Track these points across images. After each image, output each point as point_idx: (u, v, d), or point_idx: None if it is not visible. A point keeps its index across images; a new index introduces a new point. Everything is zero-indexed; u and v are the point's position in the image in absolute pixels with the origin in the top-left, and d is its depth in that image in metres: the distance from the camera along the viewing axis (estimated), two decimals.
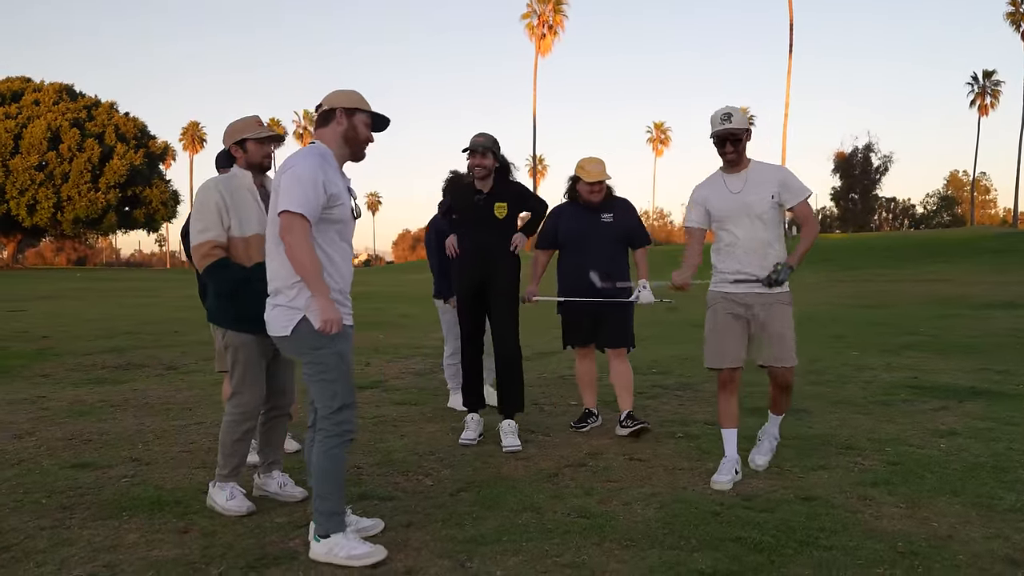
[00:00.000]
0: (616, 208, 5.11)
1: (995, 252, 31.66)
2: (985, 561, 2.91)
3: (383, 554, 2.96)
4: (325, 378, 3.00)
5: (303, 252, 2.86)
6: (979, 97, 65.51)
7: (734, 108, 3.91)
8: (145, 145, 52.24)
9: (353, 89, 3.20)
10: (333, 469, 3.02)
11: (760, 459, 4.14)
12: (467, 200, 4.81)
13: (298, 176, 2.91)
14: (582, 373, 5.26)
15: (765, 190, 3.92)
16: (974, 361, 7.75)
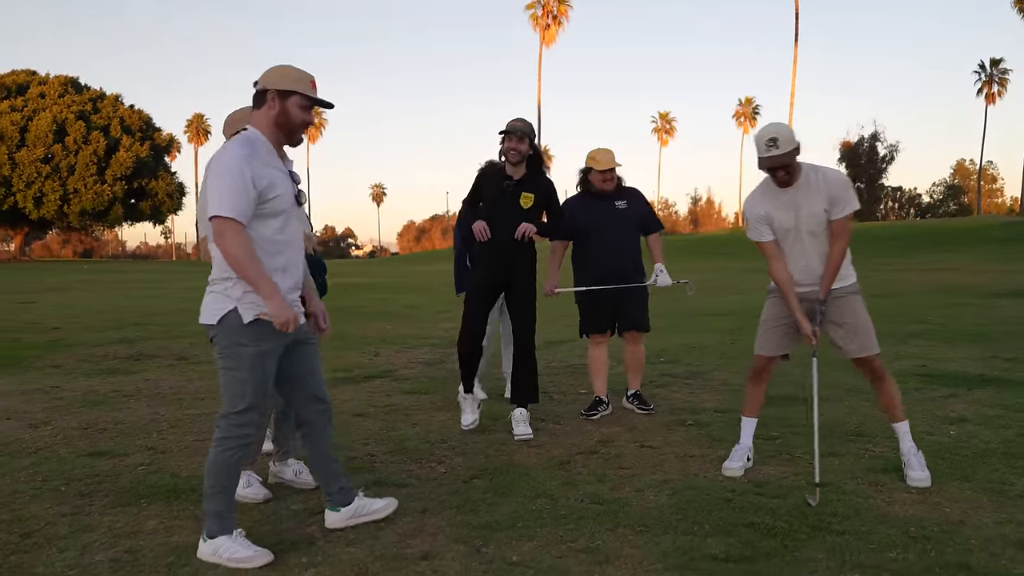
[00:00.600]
0: (629, 196, 5.22)
1: (1002, 241, 31.55)
2: (997, 546, 2.93)
3: (268, 558, 2.87)
4: (237, 376, 2.88)
5: (240, 255, 2.75)
6: (986, 86, 65.12)
7: (779, 127, 3.62)
8: (150, 137, 52.23)
9: (292, 66, 2.97)
10: (227, 471, 2.93)
11: (916, 474, 3.70)
12: (496, 186, 4.71)
13: (223, 175, 2.78)
14: (595, 360, 5.30)
15: (816, 204, 3.70)
16: (982, 349, 7.75)
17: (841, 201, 3.68)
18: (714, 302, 13.94)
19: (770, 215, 3.78)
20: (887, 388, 3.83)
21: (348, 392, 6.16)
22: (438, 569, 2.80)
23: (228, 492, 2.95)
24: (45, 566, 2.85)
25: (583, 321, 5.29)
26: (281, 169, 2.94)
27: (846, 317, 3.80)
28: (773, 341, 3.96)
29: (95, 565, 2.85)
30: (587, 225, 5.13)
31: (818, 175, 3.71)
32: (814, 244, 3.75)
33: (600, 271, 5.09)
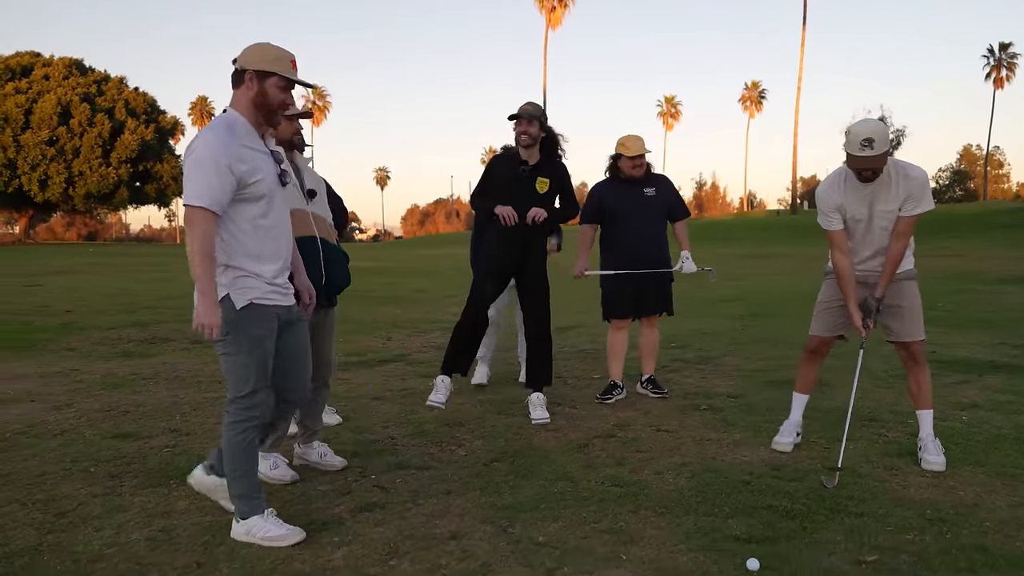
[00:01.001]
0: (657, 182, 5.28)
1: (1007, 227, 31.51)
2: (1011, 528, 3.00)
3: (300, 536, 2.92)
4: (238, 361, 2.89)
5: (197, 246, 2.73)
6: (995, 70, 64.78)
7: (875, 127, 3.55)
8: (155, 120, 52.21)
9: (272, 45, 2.92)
10: (243, 453, 2.95)
11: (932, 458, 3.75)
12: (511, 170, 4.71)
13: (198, 162, 2.74)
14: (615, 344, 5.36)
15: (893, 200, 3.72)
16: (991, 335, 7.80)
17: (914, 200, 3.69)
18: (724, 288, 13.96)
19: (844, 206, 3.79)
20: (922, 375, 3.92)
21: (363, 376, 6.23)
22: (467, 548, 2.87)
23: (250, 474, 3.00)
24: (83, 544, 2.92)
25: (606, 306, 5.35)
26: (262, 150, 2.92)
27: (899, 300, 3.87)
28: (828, 322, 4.04)
29: (132, 544, 2.93)
30: (615, 210, 5.19)
31: (898, 172, 3.70)
32: (884, 237, 3.79)
33: (626, 256, 5.16)
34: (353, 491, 3.51)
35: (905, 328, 3.88)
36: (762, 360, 6.69)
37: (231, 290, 2.85)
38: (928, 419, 3.89)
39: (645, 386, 5.44)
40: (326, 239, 3.61)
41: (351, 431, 4.54)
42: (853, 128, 3.60)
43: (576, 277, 5.29)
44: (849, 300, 3.84)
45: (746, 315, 10.00)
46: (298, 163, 3.66)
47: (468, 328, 4.71)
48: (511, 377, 6.15)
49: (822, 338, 4.08)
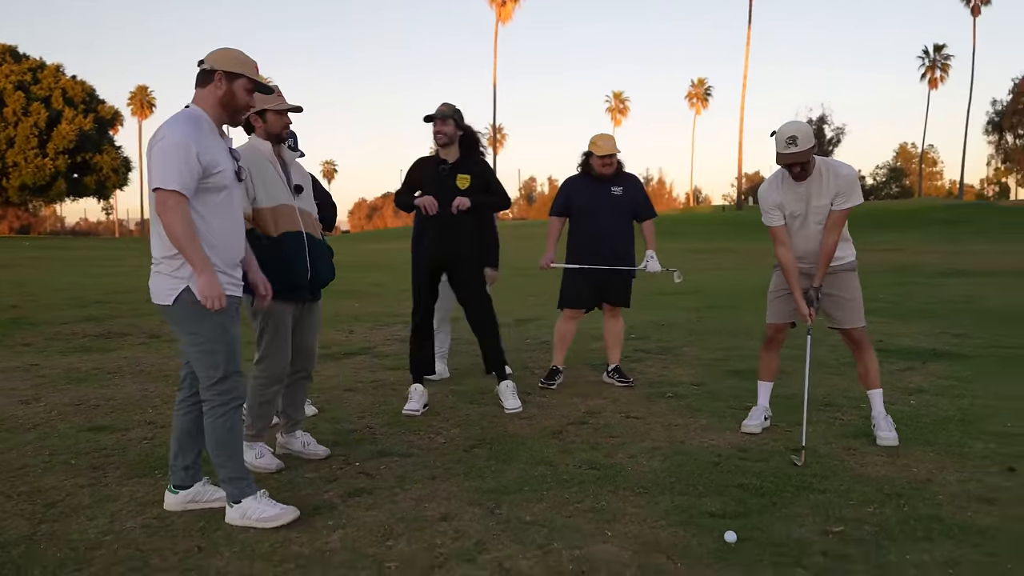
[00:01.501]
0: (625, 182, 5.46)
1: (945, 223, 32.78)
2: (962, 500, 3.24)
3: (295, 514, 3.00)
4: (206, 349, 2.96)
5: (179, 228, 2.80)
6: (929, 71, 67.07)
7: (799, 126, 3.86)
8: (94, 110, 50.78)
9: (239, 50, 3.07)
10: (227, 436, 3.02)
11: (885, 434, 4.02)
12: (431, 170, 4.77)
13: (168, 148, 2.82)
14: (564, 332, 5.56)
15: (825, 196, 3.98)
16: (932, 325, 8.20)
17: (844, 195, 3.96)
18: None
19: (783, 204, 4.06)
20: (868, 358, 4.19)
21: (332, 368, 6.28)
22: (459, 529, 2.99)
23: (237, 456, 3.07)
24: (79, 533, 2.95)
25: (564, 295, 5.52)
26: (223, 147, 3.02)
27: (839, 290, 4.14)
28: (779, 309, 4.29)
29: (128, 531, 2.97)
30: (582, 206, 5.38)
31: (829, 170, 3.98)
32: (819, 232, 4.04)
33: (590, 252, 5.34)
34: (340, 478, 3.60)
35: (846, 316, 4.16)
36: (721, 350, 6.94)
37: (191, 282, 2.91)
38: (878, 397, 4.16)
39: (611, 375, 5.62)
40: (312, 234, 3.67)
41: (328, 421, 4.61)
42: (779, 128, 3.91)
43: (542, 268, 5.46)
44: (795, 290, 4.10)
45: (701, 307, 10.29)
46: (285, 158, 3.71)
47: (419, 339, 4.87)
48: (479, 367, 6.26)
49: (776, 325, 4.33)
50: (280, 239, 3.57)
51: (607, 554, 2.75)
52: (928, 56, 66.99)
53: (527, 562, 2.69)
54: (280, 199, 3.59)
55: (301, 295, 3.67)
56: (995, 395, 5.05)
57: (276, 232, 3.58)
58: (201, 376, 3.01)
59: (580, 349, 7.09)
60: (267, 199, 3.57)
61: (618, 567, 2.65)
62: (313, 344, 3.86)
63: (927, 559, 2.69)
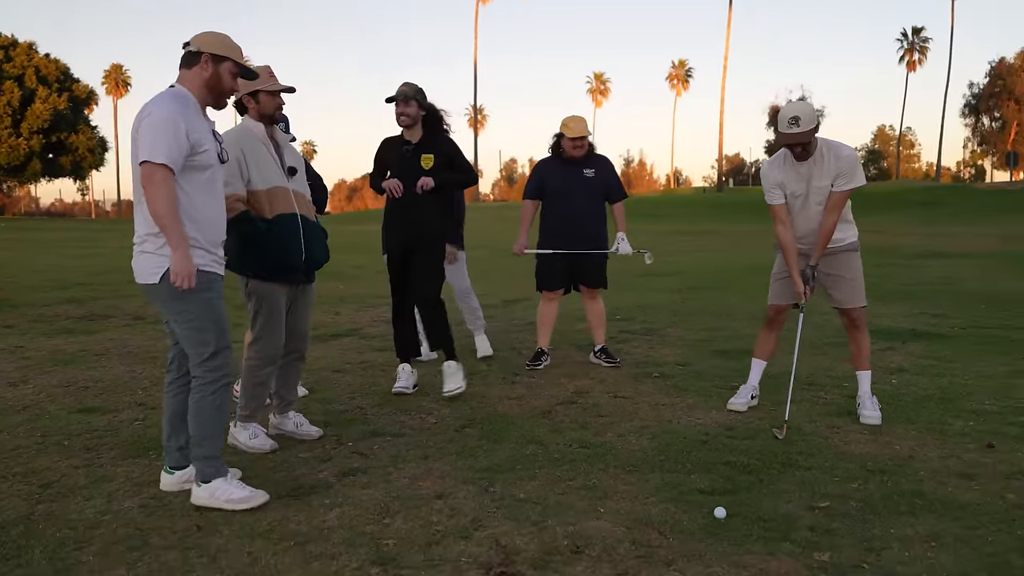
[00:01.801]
0: (597, 164, 5.48)
1: (922, 205, 33.16)
2: (943, 476, 3.33)
3: (264, 498, 3.00)
4: (195, 326, 2.96)
5: (163, 203, 2.79)
6: (908, 53, 67.39)
7: (802, 107, 3.93)
8: (69, 89, 49.87)
9: (225, 34, 3.09)
10: (214, 415, 3.02)
11: (869, 412, 4.12)
12: (396, 151, 4.75)
13: (156, 124, 2.82)
14: (545, 315, 5.62)
15: (826, 177, 4.03)
16: (912, 306, 8.34)
17: (845, 176, 4.01)
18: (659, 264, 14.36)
19: (784, 183, 4.13)
20: (862, 339, 4.28)
21: (320, 350, 6.30)
22: (454, 506, 3.04)
23: (218, 436, 3.08)
24: (77, 513, 2.97)
25: (540, 278, 5.59)
26: (208, 128, 3.03)
27: (840, 271, 4.21)
28: (781, 291, 4.36)
29: (126, 511, 2.99)
30: (555, 189, 5.41)
31: (830, 151, 4.03)
32: (819, 212, 4.10)
33: (563, 234, 5.42)
34: (334, 457, 3.63)
35: (846, 296, 4.22)
36: (705, 331, 7.02)
37: None
38: (866, 379, 4.25)
39: (599, 356, 5.69)
40: (306, 216, 3.68)
41: (319, 402, 4.64)
42: (783, 109, 4.00)
43: (516, 254, 5.49)
44: (792, 269, 4.18)
45: (684, 289, 10.38)
46: (279, 140, 3.72)
47: (400, 319, 4.85)
48: (466, 348, 6.31)
49: (777, 306, 4.39)
50: (274, 221, 3.57)
51: (600, 530, 2.82)
52: (906, 39, 67.33)
53: (522, 538, 2.75)
54: (274, 181, 3.60)
55: (296, 277, 3.68)
56: (974, 374, 5.17)
57: (271, 214, 3.59)
58: (191, 353, 3.01)
59: (566, 330, 7.15)
60: (261, 181, 3.57)
61: (612, 542, 2.72)
62: (306, 326, 3.89)
63: (910, 533, 2.78)
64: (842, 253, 4.21)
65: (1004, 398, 4.55)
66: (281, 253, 3.55)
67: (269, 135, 3.70)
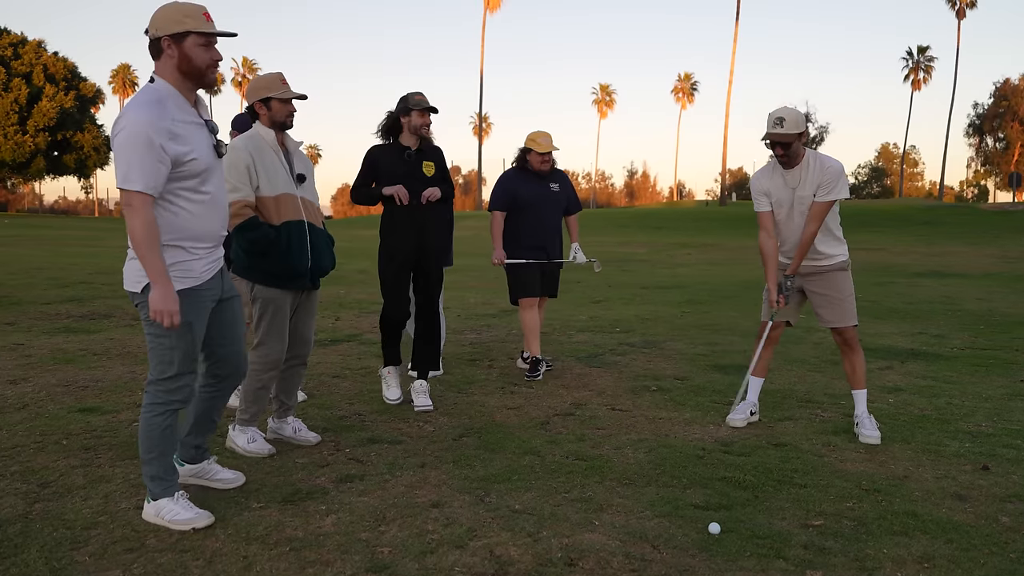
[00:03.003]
0: (560, 178, 5.77)
1: (924, 224, 33.17)
2: (937, 497, 3.34)
3: (208, 520, 2.90)
4: (164, 344, 2.81)
5: (139, 232, 2.62)
6: (913, 72, 67.58)
7: (790, 111, 4.01)
8: (76, 87, 50.13)
9: (177, 2, 2.75)
10: (160, 436, 2.89)
11: (868, 432, 4.11)
12: (396, 157, 4.62)
13: (127, 143, 2.59)
14: (531, 322, 5.65)
15: (810, 187, 4.11)
16: (911, 325, 8.35)
17: (826, 187, 4.07)
18: (661, 276, 14.41)
19: (770, 191, 4.21)
20: (856, 358, 4.28)
21: (319, 355, 6.31)
22: (449, 516, 3.05)
23: (165, 456, 2.94)
24: (74, 512, 2.99)
25: (517, 289, 5.66)
26: (196, 121, 2.79)
27: (829, 290, 4.23)
28: (770, 308, 4.40)
29: (123, 512, 3.00)
30: (525, 201, 5.59)
31: (817, 162, 4.10)
32: (803, 223, 4.16)
33: (537, 247, 5.59)
34: (331, 463, 3.65)
35: (836, 316, 4.25)
36: (704, 345, 7.04)
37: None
38: (862, 398, 4.26)
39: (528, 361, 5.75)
40: (313, 223, 3.71)
41: (318, 408, 4.65)
42: (772, 110, 4.09)
43: (496, 265, 5.58)
44: (769, 277, 4.29)
45: (685, 302, 10.39)
46: (288, 146, 3.74)
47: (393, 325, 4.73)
48: (466, 357, 6.33)
49: (770, 324, 4.40)
50: (282, 228, 3.60)
51: (594, 543, 2.83)
52: (912, 57, 67.53)
53: (517, 549, 2.76)
54: (282, 188, 3.62)
55: (302, 284, 3.70)
56: (971, 395, 5.18)
57: (278, 221, 3.61)
58: (152, 368, 2.87)
59: (565, 341, 7.17)
60: (269, 188, 3.59)
61: (605, 555, 2.73)
62: (309, 331, 3.90)
63: (903, 553, 2.78)
64: (831, 272, 4.24)
65: (1001, 420, 4.56)
66: (288, 260, 3.57)
67: (280, 142, 3.72)
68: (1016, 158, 63.71)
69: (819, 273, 4.24)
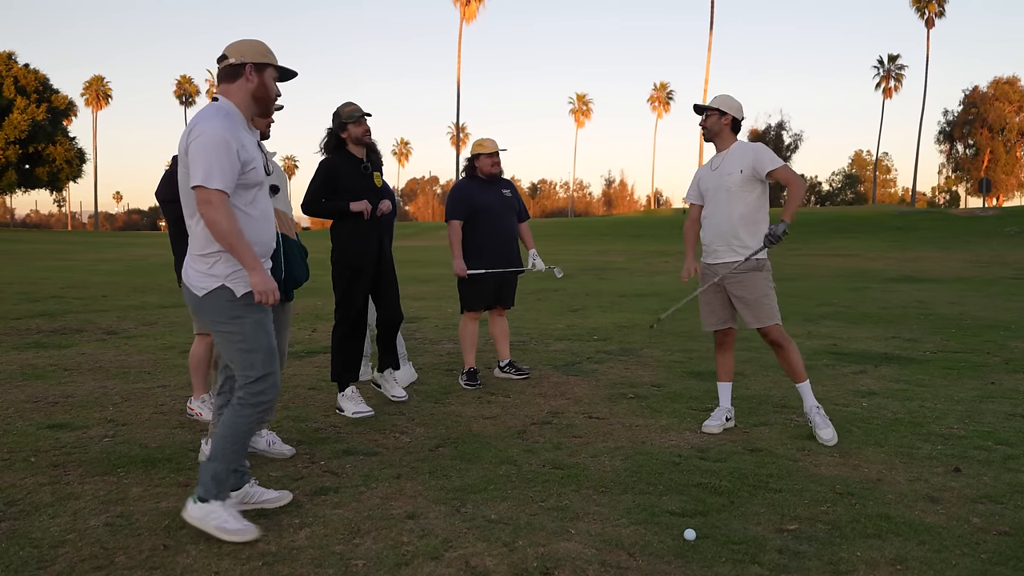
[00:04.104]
0: (510, 185, 5.79)
1: (897, 230, 33.58)
2: (910, 499, 3.37)
3: (255, 534, 2.87)
4: (243, 348, 2.88)
5: (226, 224, 2.75)
6: (884, 80, 68.53)
7: (727, 96, 4.40)
8: (47, 99, 49.58)
9: (259, 40, 3.01)
10: (240, 434, 2.93)
11: (823, 432, 4.19)
12: (353, 170, 4.75)
13: (208, 145, 2.76)
14: (472, 334, 5.71)
15: (735, 166, 4.27)
16: (884, 330, 8.44)
17: (763, 157, 4.28)
18: (639, 284, 14.46)
19: (700, 179, 4.49)
20: (788, 354, 4.32)
21: (295, 367, 6.27)
22: (425, 527, 3.03)
23: (239, 455, 2.96)
24: (41, 531, 2.93)
25: (470, 299, 5.67)
26: (254, 141, 3.00)
27: (746, 293, 4.30)
28: (707, 318, 4.51)
29: (91, 530, 2.95)
30: (484, 208, 5.58)
31: (744, 145, 4.36)
32: (732, 202, 4.28)
33: (498, 255, 5.59)
34: (305, 476, 3.61)
35: (755, 316, 4.31)
36: (680, 352, 7.06)
37: (226, 280, 2.87)
38: (807, 390, 4.32)
39: (507, 370, 5.87)
40: (287, 235, 3.68)
41: (292, 420, 4.61)
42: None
43: (459, 275, 5.58)
44: (686, 256, 4.58)
45: (661, 310, 10.43)
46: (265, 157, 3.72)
47: (354, 339, 4.82)
48: (443, 367, 6.31)
49: (718, 332, 4.50)
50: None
51: (570, 552, 2.82)
52: (883, 66, 68.50)
53: (492, 560, 2.74)
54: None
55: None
56: (943, 398, 5.23)
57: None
58: (238, 375, 2.93)
59: (543, 349, 7.17)
60: None
61: (581, 564, 2.72)
62: (284, 343, 3.87)
63: (877, 556, 2.80)
64: (748, 273, 4.27)
65: (972, 422, 4.61)
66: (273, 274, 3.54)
67: None
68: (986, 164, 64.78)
69: (737, 276, 4.28)
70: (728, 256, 4.31)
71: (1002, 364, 6.43)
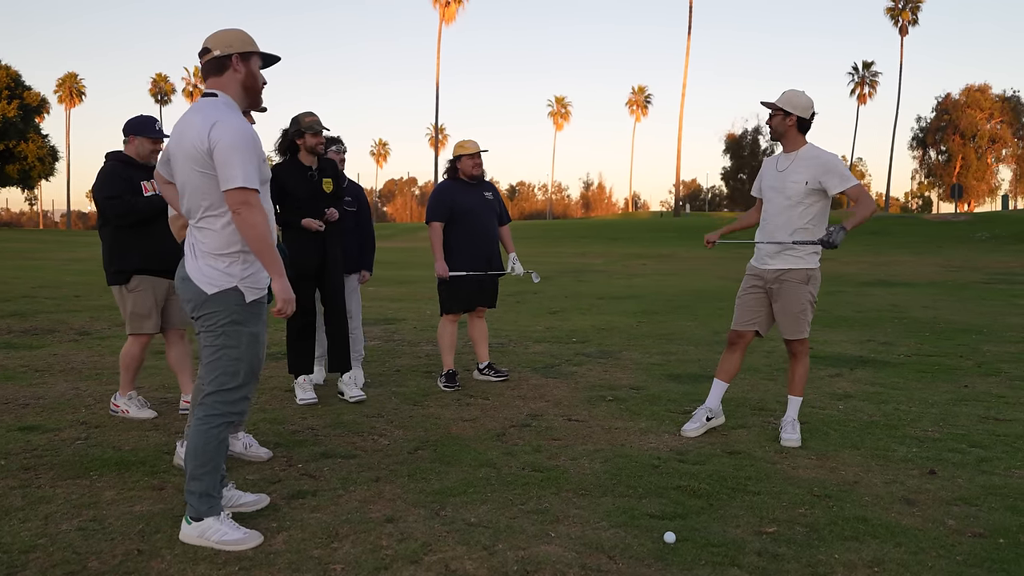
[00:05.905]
0: (491, 188, 5.80)
1: (871, 234, 34.00)
2: (886, 502, 3.40)
3: (258, 540, 2.84)
4: (231, 354, 2.83)
5: (263, 228, 2.73)
6: (859, 86, 69.36)
7: (795, 92, 4.22)
8: (19, 96, 48.82)
9: (238, 28, 2.94)
10: (216, 449, 2.85)
11: (788, 435, 4.24)
12: (299, 177, 4.91)
13: (239, 144, 2.70)
14: (451, 336, 5.70)
15: (801, 175, 4.17)
16: (859, 333, 8.53)
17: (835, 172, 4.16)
18: (617, 287, 14.49)
19: (763, 175, 4.43)
20: (801, 368, 4.38)
21: (271, 369, 6.20)
22: (404, 530, 3.00)
23: (216, 471, 2.87)
24: (11, 536, 2.87)
25: (449, 301, 5.66)
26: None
27: (788, 303, 4.29)
28: (740, 316, 4.46)
29: (63, 534, 2.90)
30: (466, 210, 5.58)
31: (816, 151, 4.23)
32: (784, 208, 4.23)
33: (479, 257, 5.59)
34: (283, 479, 3.57)
35: (785, 327, 4.34)
36: (660, 355, 7.08)
37: (240, 283, 2.83)
38: (795, 405, 4.38)
39: (486, 372, 5.85)
40: None
41: (269, 422, 4.56)
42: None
43: (440, 277, 5.56)
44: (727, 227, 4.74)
45: (640, 312, 10.47)
46: None
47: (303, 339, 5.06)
48: (422, 369, 6.28)
49: (736, 331, 4.47)
50: None
51: (550, 555, 2.81)
52: (857, 72, 69.31)
53: (472, 563, 2.73)
54: None
55: None
56: (918, 401, 5.29)
57: None
58: (211, 380, 2.83)
59: (522, 351, 7.16)
60: None
61: (561, 567, 2.71)
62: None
63: (854, 558, 2.82)
64: (787, 283, 4.26)
65: (946, 425, 4.67)
66: None
67: None
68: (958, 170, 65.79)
69: (780, 280, 4.27)
70: (778, 263, 4.28)
71: (975, 367, 6.52)
